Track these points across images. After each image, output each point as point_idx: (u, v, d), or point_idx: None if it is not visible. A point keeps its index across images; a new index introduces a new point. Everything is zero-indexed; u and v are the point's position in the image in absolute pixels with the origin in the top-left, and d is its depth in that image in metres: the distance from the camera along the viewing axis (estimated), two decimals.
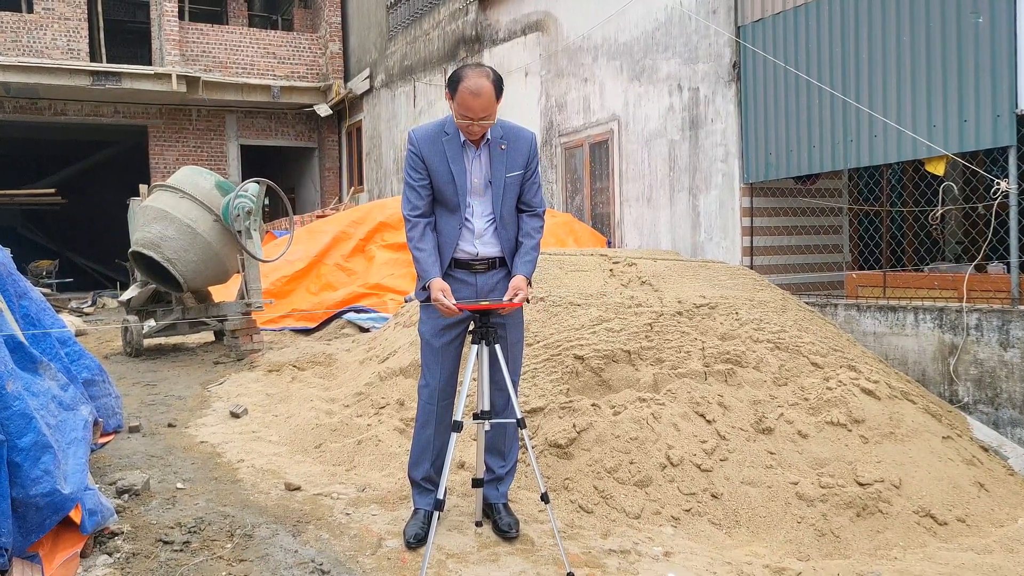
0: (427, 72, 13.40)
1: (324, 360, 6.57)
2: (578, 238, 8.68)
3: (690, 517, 3.52)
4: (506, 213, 3.26)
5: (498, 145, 3.22)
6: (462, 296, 3.23)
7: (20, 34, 14.94)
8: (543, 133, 10.18)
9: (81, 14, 15.50)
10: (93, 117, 15.97)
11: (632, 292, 5.01)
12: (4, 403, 2.80)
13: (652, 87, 8.18)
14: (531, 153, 3.29)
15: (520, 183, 3.28)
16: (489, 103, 3.06)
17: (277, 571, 2.90)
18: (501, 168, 3.22)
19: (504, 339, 3.26)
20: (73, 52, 15.28)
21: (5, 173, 18.19)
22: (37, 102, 15.38)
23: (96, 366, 4.22)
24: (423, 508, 3.28)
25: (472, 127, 3.10)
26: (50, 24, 15.18)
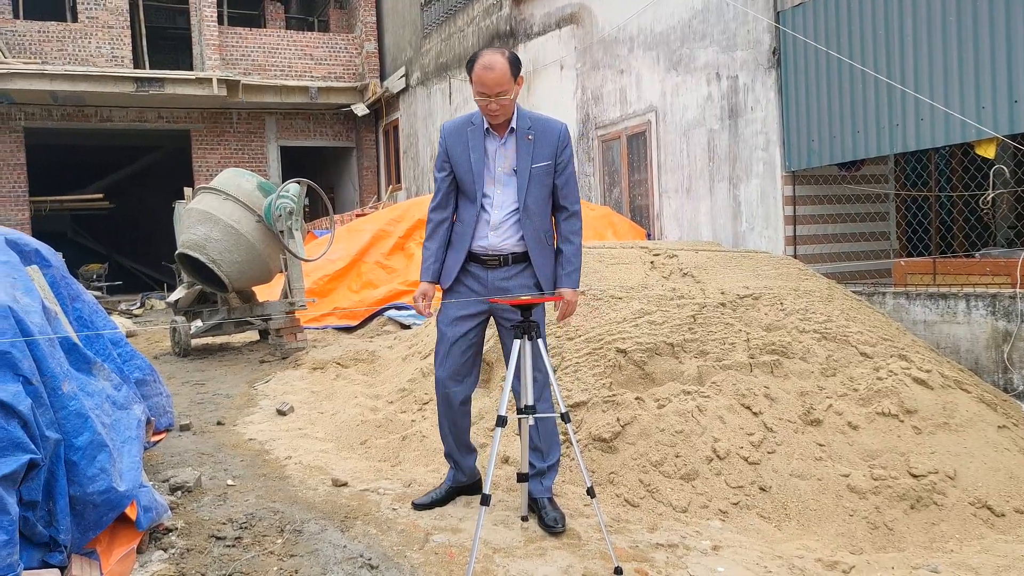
0: (462, 68, 13.41)
1: (367, 357, 6.63)
2: (617, 231, 8.63)
3: (738, 510, 3.48)
4: (532, 204, 3.21)
5: (525, 135, 3.21)
6: (473, 292, 3.28)
7: (66, 43, 15.31)
8: (579, 126, 10.13)
9: (124, 22, 15.83)
10: (138, 123, 16.30)
11: (674, 284, 4.97)
12: (61, 403, 2.88)
13: (690, 76, 8.08)
14: (560, 143, 3.24)
15: (550, 175, 3.24)
16: (502, 77, 3.04)
17: (327, 566, 2.94)
18: (527, 158, 3.20)
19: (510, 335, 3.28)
20: (117, 59, 15.61)
21: (55, 179, 18.66)
22: (84, 109, 15.74)
23: (147, 366, 4.31)
24: (446, 483, 3.56)
25: (490, 105, 3.09)
26: (94, 32, 15.53)
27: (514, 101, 3.15)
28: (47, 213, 17.09)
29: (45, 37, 15.22)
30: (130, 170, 20.54)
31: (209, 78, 15.26)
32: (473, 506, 3.49)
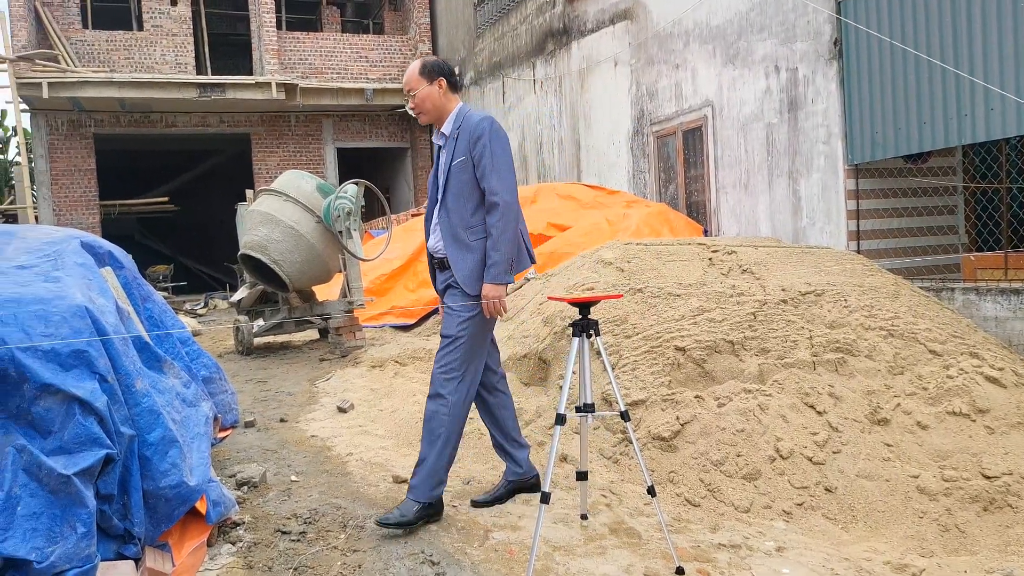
0: (516, 67, 13.44)
1: (424, 355, 6.68)
2: (673, 227, 8.53)
3: (803, 511, 3.42)
4: (451, 201, 3.28)
5: (454, 135, 3.31)
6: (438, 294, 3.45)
7: (132, 51, 15.80)
8: (633, 122, 10.06)
9: (187, 29, 16.27)
10: (200, 127, 16.73)
11: (733, 281, 4.90)
12: (134, 400, 2.97)
13: (747, 70, 7.95)
14: (473, 135, 3.23)
15: (466, 171, 3.25)
16: (410, 77, 3.29)
17: (389, 562, 2.98)
18: (449, 157, 3.30)
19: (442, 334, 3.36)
20: (181, 66, 16.06)
21: (123, 184, 19.30)
22: (150, 115, 16.23)
23: (213, 364, 4.42)
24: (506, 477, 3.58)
25: (408, 105, 3.39)
26: (159, 40, 16.00)
27: (430, 100, 3.28)
28: (116, 216, 17.67)
29: (113, 46, 15.73)
30: (193, 174, 21.11)
31: (268, 82, 15.58)
32: (532, 504, 3.50)
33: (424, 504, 3.26)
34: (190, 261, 22.26)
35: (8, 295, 2.83)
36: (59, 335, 2.78)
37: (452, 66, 3.39)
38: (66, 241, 3.42)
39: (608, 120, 10.72)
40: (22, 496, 2.56)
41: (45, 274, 3.07)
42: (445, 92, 3.31)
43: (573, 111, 11.63)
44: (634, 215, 8.58)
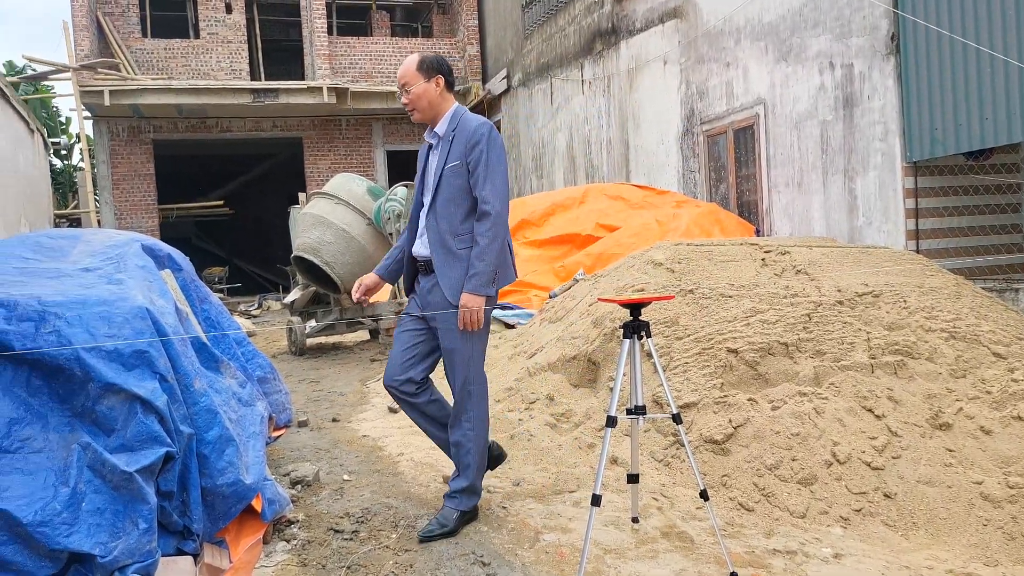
0: (564, 68, 13.42)
1: None
2: (724, 228, 8.42)
3: (861, 517, 3.33)
4: (440, 206, 3.18)
5: (448, 137, 3.22)
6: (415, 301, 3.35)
7: (189, 59, 16.21)
8: (683, 122, 9.95)
9: (241, 37, 16.62)
10: (254, 132, 17.07)
11: (787, 282, 4.81)
12: (192, 399, 3.04)
13: (800, 67, 7.81)
14: (471, 141, 3.14)
15: (460, 176, 3.16)
16: (406, 71, 3.19)
17: (440, 562, 2.99)
18: (442, 159, 3.21)
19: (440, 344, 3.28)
20: (236, 72, 16.41)
21: (180, 188, 19.80)
22: (206, 121, 16.62)
23: (268, 364, 4.50)
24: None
25: (401, 98, 3.26)
26: (215, 48, 16.37)
27: (425, 98, 3.21)
28: (174, 220, 18.14)
29: (170, 54, 16.15)
30: (247, 177, 21.55)
31: (320, 87, 15.82)
32: (583, 506, 3.49)
33: (463, 512, 3.28)
34: (244, 263, 22.72)
35: (74, 297, 2.92)
36: (121, 336, 2.86)
37: (450, 64, 3.27)
38: (128, 244, 3.52)
39: (657, 120, 10.63)
40: (87, 492, 2.64)
41: (108, 276, 3.16)
42: (442, 91, 3.22)
43: (621, 111, 11.56)
44: (684, 215, 8.49)
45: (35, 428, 2.71)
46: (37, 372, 2.76)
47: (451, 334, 3.19)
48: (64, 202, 21.28)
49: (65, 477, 2.63)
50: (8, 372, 2.74)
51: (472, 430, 3.27)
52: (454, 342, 3.20)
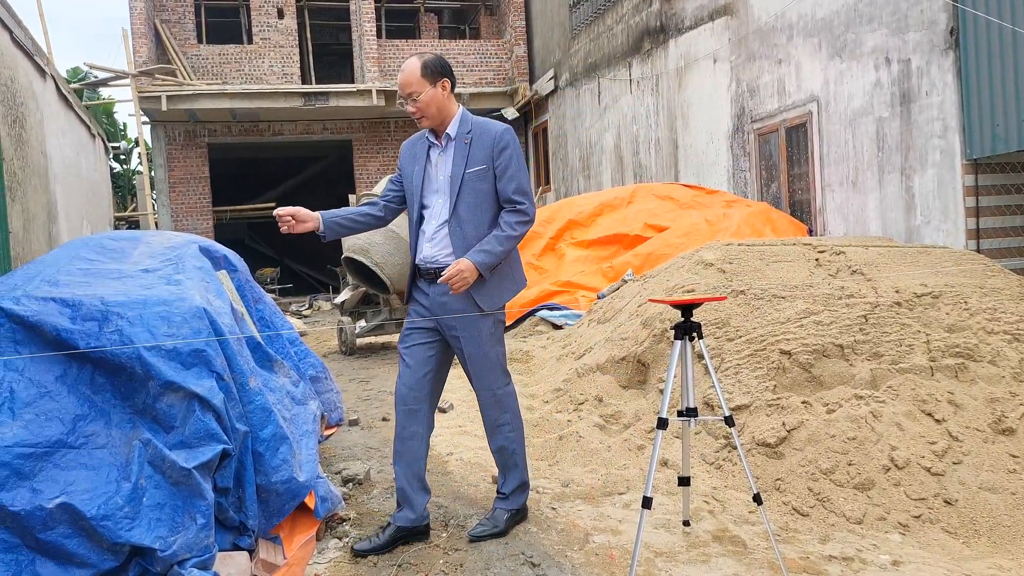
0: (611, 68, 13.35)
1: (521, 357, 6.72)
2: (776, 227, 8.28)
3: (920, 524, 3.25)
4: (464, 212, 3.05)
5: (462, 140, 3.09)
6: (422, 307, 3.17)
7: (243, 64, 16.53)
8: (733, 120, 9.82)
9: (293, 41, 16.90)
10: (305, 135, 17.34)
11: (842, 282, 4.71)
12: (248, 398, 3.10)
13: (855, 63, 7.64)
14: (497, 145, 3.06)
15: (486, 180, 3.06)
16: (411, 78, 3.02)
17: (490, 562, 3.00)
18: (461, 163, 3.06)
19: (460, 351, 3.16)
20: (287, 76, 16.69)
21: (233, 190, 20.22)
22: (258, 124, 16.94)
23: (320, 364, 4.57)
24: (392, 521, 3.17)
25: (407, 107, 3.08)
26: (267, 52, 16.68)
27: (434, 104, 3.05)
28: (227, 221, 18.52)
29: (225, 59, 16.50)
30: (298, 179, 21.91)
31: (369, 89, 15.99)
32: (632, 508, 3.46)
33: (514, 511, 3.28)
34: (295, 264, 23.09)
35: (135, 297, 3.00)
36: (180, 335, 2.93)
37: (449, 63, 3.17)
38: (186, 246, 3.61)
39: (707, 118, 10.51)
40: (147, 488, 2.71)
41: (167, 277, 3.24)
42: (448, 94, 3.08)
43: (670, 110, 11.46)
44: (735, 215, 8.38)
45: (98, 424, 2.79)
46: (100, 370, 2.85)
47: (477, 341, 3.11)
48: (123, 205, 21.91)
49: (127, 472, 2.71)
50: (73, 370, 2.83)
51: (513, 431, 3.27)
52: (480, 347, 3.13)
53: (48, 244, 7.87)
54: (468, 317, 3.08)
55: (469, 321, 3.08)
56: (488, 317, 3.12)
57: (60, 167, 8.90)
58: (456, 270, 2.93)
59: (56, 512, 2.55)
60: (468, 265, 2.94)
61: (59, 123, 9.11)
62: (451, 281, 2.93)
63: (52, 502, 2.56)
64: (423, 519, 3.22)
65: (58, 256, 3.38)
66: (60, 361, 2.83)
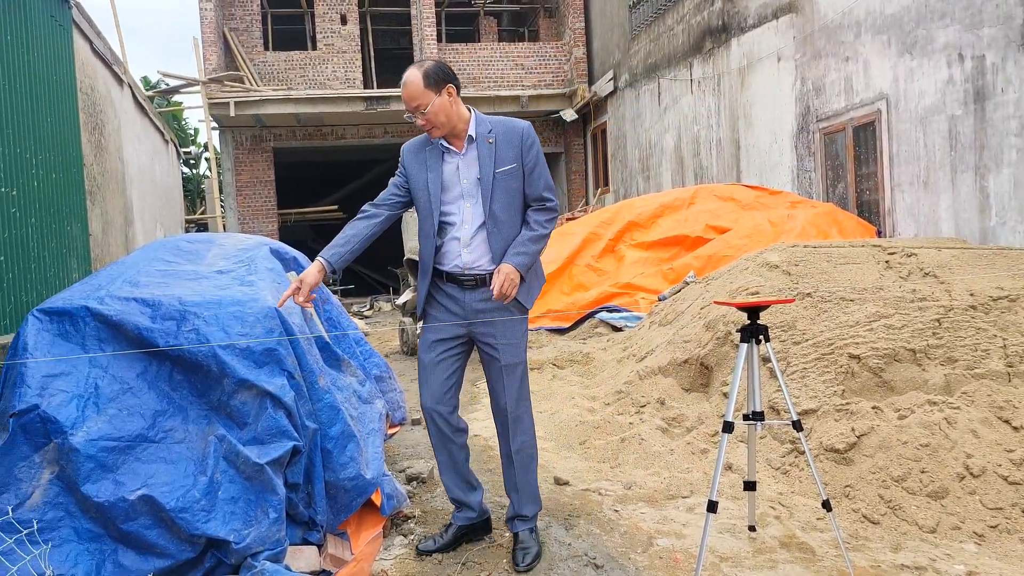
0: (671, 68, 13.23)
1: (582, 359, 6.71)
2: (842, 228, 8.09)
3: (997, 534, 3.14)
4: (499, 212, 2.97)
5: (485, 140, 2.99)
6: (451, 314, 3.07)
7: (307, 69, 16.90)
8: (798, 120, 9.63)
9: (355, 46, 17.20)
10: (367, 139, 17.62)
11: (913, 285, 4.58)
12: (317, 396, 3.18)
13: (926, 60, 7.42)
14: (525, 142, 2.99)
15: (516, 179, 2.99)
16: (415, 91, 2.88)
17: (553, 562, 3.01)
18: (490, 164, 2.97)
19: (495, 360, 3.06)
20: (350, 81, 16.99)
21: (297, 193, 20.66)
22: (322, 129, 17.28)
23: (383, 364, 4.65)
24: (453, 522, 3.20)
25: (417, 120, 2.93)
26: (330, 58, 17.01)
27: (443, 112, 2.92)
28: (291, 224, 18.93)
29: (290, 65, 16.89)
30: (360, 182, 22.26)
31: None
32: (697, 512, 3.44)
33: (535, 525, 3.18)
34: (357, 265, 23.46)
35: (210, 298, 3.11)
36: (253, 335, 3.02)
37: (449, 65, 3.04)
38: (258, 248, 3.71)
39: (770, 118, 10.33)
40: (222, 482, 2.80)
41: (241, 278, 3.34)
42: (455, 99, 2.95)
43: (732, 110, 11.30)
44: (799, 216, 8.22)
45: (176, 420, 2.90)
46: (178, 368, 2.96)
47: (514, 348, 3.06)
48: (193, 208, 22.59)
49: (203, 467, 2.80)
50: (153, 367, 2.95)
51: (532, 437, 3.17)
52: (518, 355, 3.07)
53: (125, 246, 8.17)
54: (507, 325, 3.02)
55: (508, 328, 3.02)
56: (523, 323, 3.07)
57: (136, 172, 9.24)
58: (505, 277, 2.88)
59: (137, 504, 2.66)
60: (511, 269, 2.89)
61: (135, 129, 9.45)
62: (503, 289, 2.87)
63: (134, 494, 2.66)
64: (483, 514, 3.25)
65: (138, 257, 3.51)
66: (141, 359, 2.94)
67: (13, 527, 2.56)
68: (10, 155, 4.70)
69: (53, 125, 5.55)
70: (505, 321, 3.02)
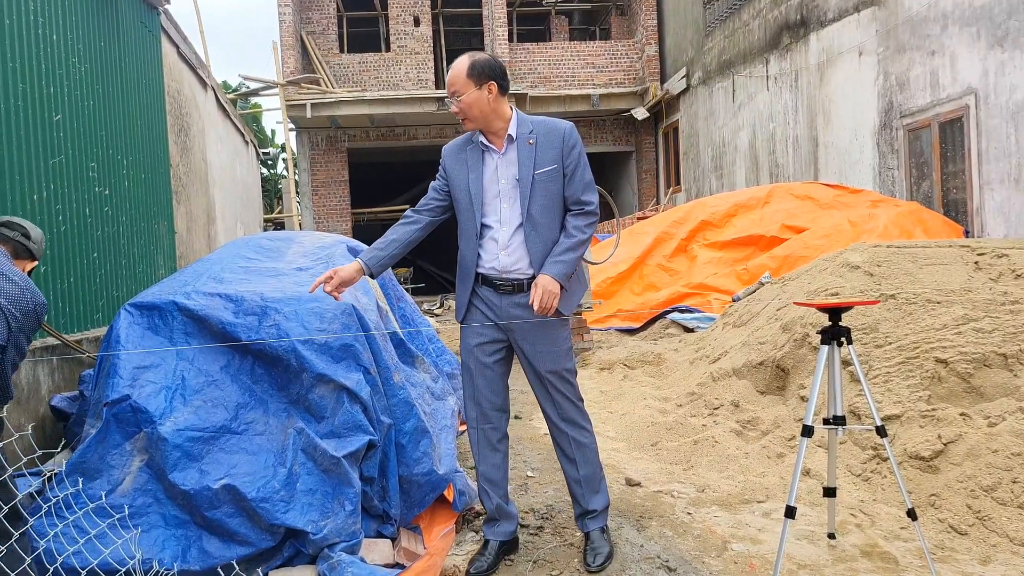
0: (747, 64, 12.97)
1: (653, 359, 6.64)
2: (927, 228, 7.81)
3: None
4: (537, 214, 2.88)
5: (526, 140, 2.91)
6: (486, 319, 2.96)
7: (380, 71, 17.19)
8: (880, 115, 9.32)
9: (427, 48, 17.42)
10: (438, 139, 17.81)
11: (1005, 287, 4.38)
12: (392, 392, 3.23)
13: (1019, 52, 7.09)
14: (567, 144, 2.90)
15: (556, 181, 2.89)
16: (456, 79, 2.86)
17: (625, 564, 2.99)
18: (529, 164, 2.89)
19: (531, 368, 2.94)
20: (422, 82, 17.21)
21: (370, 193, 21.03)
22: (394, 129, 17.55)
23: (455, 361, 4.69)
24: (492, 538, 3.03)
25: (452, 107, 2.91)
26: (403, 60, 17.27)
27: (477, 107, 2.87)
28: (364, 223, 19.29)
29: (364, 67, 17.21)
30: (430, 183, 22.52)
31: None
32: (773, 517, 3.36)
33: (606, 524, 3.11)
34: (427, 264, 23.74)
35: (290, 294, 3.19)
36: (331, 330, 3.09)
37: (503, 65, 2.99)
38: (335, 245, 3.79)
39: (850, 114, 10.03)
40: (301, 474, 2.87)
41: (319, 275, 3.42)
42: (495, 97, 2.89)
43: (810, 106, 11.01)
44: (881, 215, 7.97)
45: (258, 412, 2.99)
46: (260, 362, 3.04)
47: (553, 355, 2.95)
48: (270, 208, 23.23)
49: (282, 458, 2.88)
50: (236, 361, 3.04)
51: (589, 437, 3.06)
52: (557, 362, 2.96)
53: (207, 244, 8.46)
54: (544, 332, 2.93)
55: (545, 334, 2.94)
56: (564, 328, 2.99)
57: (218, 172, 9.55)
58: (544, 292, 2.79)
59: (221, 492, 2.75)
60: (550, 280, 2.81)
61: (217, 131, 9.77)
62: (544, 302, 2.79)
63: (217, 483, 2.76)
64: (518, 524, 3.16)
65: (222, 255, 3.63)
66: (224, 352, 3.04)
67: (105, 512, 2.67)
68: (104, 157, 4.91)
69: (143, 128, 5.78)
70: (541, 327, 2.92)
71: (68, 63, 4.45)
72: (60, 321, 4.13)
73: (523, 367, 3.04)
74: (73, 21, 4.57)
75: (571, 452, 3.03)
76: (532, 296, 2.80)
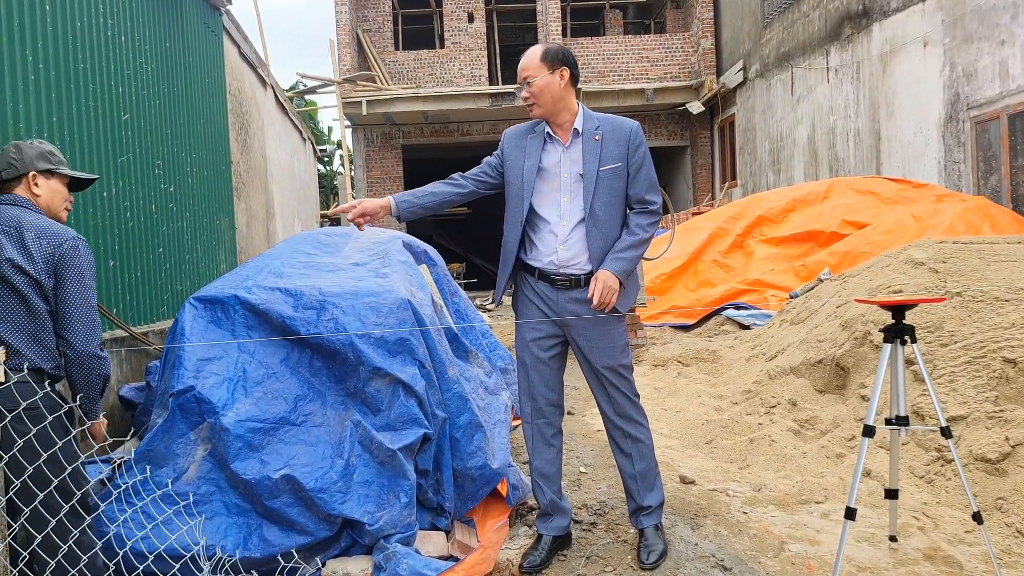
0: (806, 56, 12.70)
1: (708, 356, 6.57)
2: (995, 224, 7.54)
3: None
4: (600, 211, 2.86)
5: (591, 136, 2.89)
6: (542, 315, 2.93)
7: (435, 68, 17.31)
8: (946, 107, 9.03)
9: (481, 44, 17.47)
10: (491, 135, 17.86)
11: None
12: (446, 386, 3.26)
13: None
14: (632, 142, 2.88)
15: (621, 179, 2.88)
16: (530, 62, 2.87)
17: (679, 562, 2.96)
18: (594, 160, 2.87)
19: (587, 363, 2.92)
20: (475, 78, 17.28)
21: None
22: (448, 125, 17.66)
23: (508, 356, 4.71)
24: (544, 533, 3.02)
25: (522, 92, 2.91)
26: (457, 56, 17.35)
27: (548, 92, 2.86)
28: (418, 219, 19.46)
29: (418, 64, 17.35)
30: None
31: None
32: (831, 518, 3.30)
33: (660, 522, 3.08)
34: (479, 259, 23.85)
35: (347, 289, 3.24)
36: (387, 325, 3.13)
37: (575, 58, 2.98)
38: (391, 241, 3.84)
39: (915, 107, 9.74)
40: (357, 466, 2.92)
41: (375, 270, 3.47)
42: (566, 84, 2.90)
43: (872, 99, 10.73)
44: (947, 210, 7.73)
45: (316, 405, 3.05)
46: (318, 355, 3.10)
47: (609, 351, 2.93)
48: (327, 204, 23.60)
49: (340, 450, 2.93)
50: (295, 354, 3.11)
51: (645, 434, 3.03)
52: (614, 358, 2.94)
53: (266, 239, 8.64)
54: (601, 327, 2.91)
55: (601, 330, 2.91)
56: (621, 324, 2.97)
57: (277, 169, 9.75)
58: (604, 287, 2.79)
59: (280, 482, 2.81)
60: (609, 276, 2.80)
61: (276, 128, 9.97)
62: (603, 298, 2.79)
63: (277, 473, 2.82)
64: (571, 520, 3.15)
65: (281, 250, 3.71)
66: (284, 345, 3.11)
67: (171, 499, 2.76)
68: (169, 154, 5.06)
69: (206, 126, 5.93)
70: (598, 323, 2.90)
71: (135, 63, 4.59)
72: (128, 314, 4.28)
73: (579, 362, 3.04)
74: (140, 22, 4.71)
75: (626, 447, 3.02)
76: (591, 289, 2.80)
